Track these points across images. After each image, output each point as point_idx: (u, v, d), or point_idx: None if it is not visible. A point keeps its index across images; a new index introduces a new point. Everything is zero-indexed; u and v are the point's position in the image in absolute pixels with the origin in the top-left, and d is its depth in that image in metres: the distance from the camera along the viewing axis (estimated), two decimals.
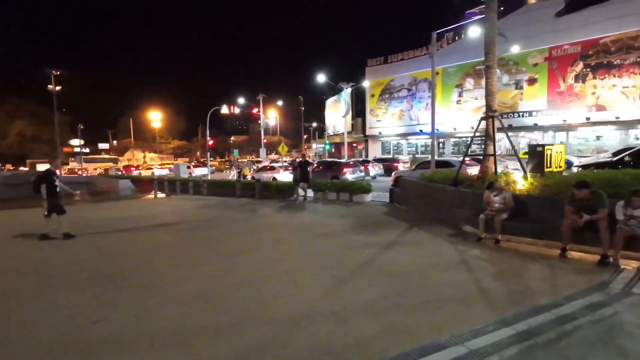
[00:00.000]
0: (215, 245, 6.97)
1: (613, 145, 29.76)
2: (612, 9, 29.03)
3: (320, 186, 13.94)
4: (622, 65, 28.80)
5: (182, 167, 24.98)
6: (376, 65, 46.12)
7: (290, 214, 10.47)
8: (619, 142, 29.37)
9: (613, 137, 30.23)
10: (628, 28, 28.31)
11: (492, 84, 7.97)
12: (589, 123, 30.44)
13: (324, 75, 31.15)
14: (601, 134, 30.95)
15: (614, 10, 28.90)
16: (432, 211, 8.83)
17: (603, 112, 29.80)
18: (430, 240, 6.73)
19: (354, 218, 9.24)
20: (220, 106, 26.99)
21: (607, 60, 29.50)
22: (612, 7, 28.97)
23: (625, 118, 28.54)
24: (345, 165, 19.56)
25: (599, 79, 29.93)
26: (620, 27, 28.63)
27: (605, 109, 29.75)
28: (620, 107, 28.96)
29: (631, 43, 28.35)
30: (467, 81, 38.04)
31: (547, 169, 7.30)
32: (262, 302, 4.11)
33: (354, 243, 6.70)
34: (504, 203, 6.35)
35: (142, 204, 15.53)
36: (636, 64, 28.23)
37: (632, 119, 28.48)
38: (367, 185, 12.62)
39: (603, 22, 29.43)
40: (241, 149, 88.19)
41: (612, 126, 29.64)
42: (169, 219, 10.39)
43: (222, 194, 17.08)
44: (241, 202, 13.71)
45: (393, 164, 25.26)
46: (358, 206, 11.41)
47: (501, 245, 6.16)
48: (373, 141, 48.10)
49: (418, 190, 9.78)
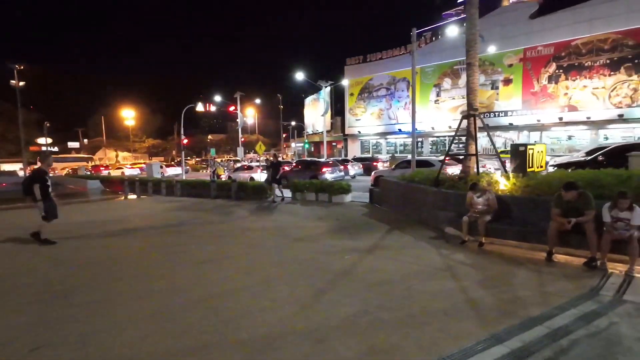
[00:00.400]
0: (183, 253, 6.45)
1: (584, 144, 30.69)
2: (581, 12, 29.90)
3: (299, 186, 13.53)
4: (592, 67, 29.69)
5: (155, 166, 23.95)
6: (355, 64, 46.04)
7: (266, 217, 10.01)
8: (590, 141, 30.30)
9: (584, 136, 31.15)
10: (597, 31, 29.21)
11: (474, 81, 7.77)
12: (562, 123, 31.26)
13: (303, 73, 30.68)
14: (573, 133, 31.85)
15: (583, 14, 29.78)
16: (413, 212, 8.57)
17: (575, 112, 30.66)
18: (412, 244, 6.44)
19: (333, 220, 8.88)
20: (196, 104, 26.12)
21: (578, 61, 30.36)
22: (581, 10, 29.83)
23: (596, 118, 29.44)
24: (325, 164, 19.21)
25: (571, 80, 30.77)
26: (589, 30, 29.51)
27: (576, 109, 30.61)
28: (591, 108, 29.87)
29: (601, 45, 29.26)
30: (445, 81, 38.43)
31: (529, 169, 7.15)
32: (231, 320, 3.68)
33: (333, 248, 6.33)
34: (488, 204, 6.13)
35: (110, 206, 14.68)
36: (605, 65, 29.17)
37: (601, 119, 29.41)
38: (346, 186, 12.31)
39: (573, 25, 30.29)
40: (219, 148, 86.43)
41: (584, 126, 30.54)
42: (136, 223, 9.73)
43: (197, 195, 16.41)
44: (216, 204, 13.13)
45: (372, 164, 25.11)
46: (337, 207, 11.07)
47: (485, 249, 5.93)
48: (352, 140, 48.03)
49: (398, 190, 9.52)
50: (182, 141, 24.52)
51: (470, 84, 7.87)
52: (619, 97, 28.78)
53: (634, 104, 28.18)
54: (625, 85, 28.47)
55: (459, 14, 37.21)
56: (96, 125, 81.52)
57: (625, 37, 28.10)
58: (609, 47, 28.91)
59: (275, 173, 13.09)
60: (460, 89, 37.47)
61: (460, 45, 34.11)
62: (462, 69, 36.99)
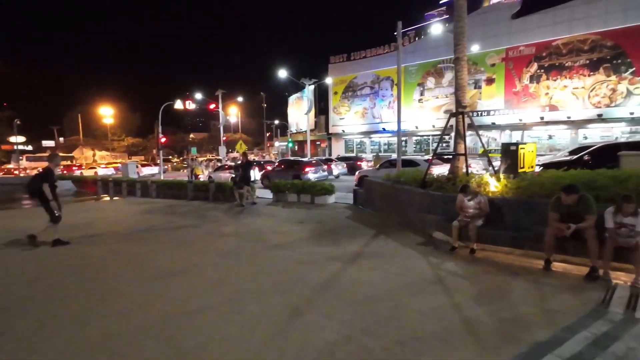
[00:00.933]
0: (147, 263, 5.80)
1: (564, 144, 31.10)
2: (560, 13, 30.24)
3: (280, 187, 12.94)
4: (572, 67, 30.04)
5: (131, 166, 22.84)
6: (339, 63, 45.59)
7: (243, 220, 9.39)
8: (570, 141, 30.70)
9: (564, 136, 31.54)
10: (577, 32, 29.57)
11: (462, 77, 7.36)
12: (543, 122, 31.56)
13: (286, 71, 30.04)
14: (553, 133, 32.21)
15: (563, 15, 30.11)
16: (399, 215, 8.12)
17: (555, 112, 30.99)
18: (398, 251, 5.96)
19: (314, 224, 8.34)
20: (174, 101, 25.14)
21: (559, 62, 30.68)
22: (561, 11, 30.16)
23: (576, 118, 29.81)
24: (307, 164, 18.66)
25: (552, 80, 31.09)
26: (569, 30, 29.86)
27: (557, 109, 30.95)
28: (571, 108, 30.23)
29: (580, 46, 29.63)
30: (429, 80, 38.37)
31: (520, 169, 6.78)
32: (190, 352, 3.09)
33: (314, 257, 5.79)
34: (479, 208, 5.70)
35: (78, 209, 13.74)
36: (585, 66, 29.56)
37: (581, 119, 29.80)
38: (329, 187, 11.78)
39: (554, 26, 30.60)
40: (200, 147, 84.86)
41: (564, 126, 30.88)
42: (102, 228, 8.96)
43: (173, 197, 15.62)
44: (192, 206, 12.41)
45: (357, 163, 24.71)
46: (320, 209, 10.53)
47: (477, 256, 5.49)
48: (336, 139, 47.59)
49: (383, 192, 9.05)
50: (159, 139, 23.51)
51: (458, 80, 7.45)
52: (598, 97, 29.20)
53: (612, 104, 28.63)
54: (604, 85, 28.90)
55: (442, 14, 37.36)
56: (73, 124, 79.00)
57: (604, 38, 28.52)
58: (588, 48, 29.30)
59: (245, 175, 12.13)
60: (443, 88, 37.52)
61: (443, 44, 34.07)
62: (446, 67, 37.02)
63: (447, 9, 38.73)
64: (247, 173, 12.29)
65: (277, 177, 19.65)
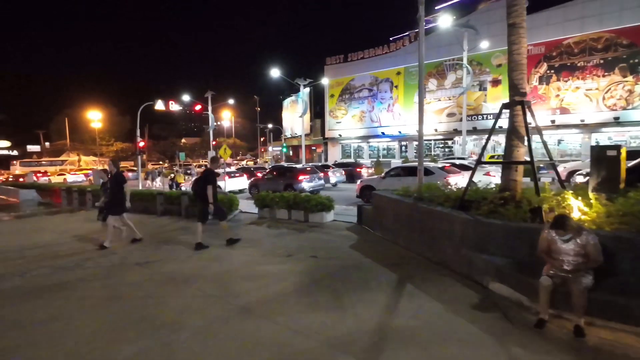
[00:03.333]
0: (26, 348, 3.40)
1: (577, 149, 29.10)
2: (571, 10, 28.36)
3: (266, 201, 10.57)
4: (585, 67, 28.11)
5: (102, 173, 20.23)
6: (335, 64, 43.51)
7: (212, 251, 6.99)
8: (582, 145, 28.71)
9: (574, 140, 29.58)
10: (589, 30, 27.69)
11: (521, 51, 5.12)
12: (553, 126, 29.53)
13: (279, 70, 27.82)
14: (563, 137, 30.21)
15: (574, 12, 28.24)
16: (427, 247, 5.79)
17: (567, 115, 29.00)
18: (446, 326, 3.60)
19: (308, 260, 5.97)
20: (154, 101, 22.78)
21: (570, 62, 28.75)
22: (571, 8, 28.30)
23: (590, 121, 27.80)
24: (301, 171, 16.31)
25: (563, 81, 29.12)
26: (581, 28, 27.97)
27: (569, 111, 28.97)
28: (584, 110, 28.24)
29: (594, 45, 27.72)
30: (430, 82, 36.31)
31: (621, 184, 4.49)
32: None
33: (305, 340, 3.42)
34: (585, 255, 3.39)
35: (15, 228, 11.28)
36: (599, 66, 27.63)
37: (595, 122, 27.80)
38: (327, 202, 9.43)
39: (564, 23, 28.72)
40: (192, 152, 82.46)
41: (576, 129, 28.86)
42: (11, 267, 6.54)
43: (142, 210, 13.20)
44: (155, 225, 10.00)
45: (356, 170, 22.38)
46: (316, 232, 8.18)
47: (588, 342, 3.17)
48: (333, 144, 45.37)
49: (401, 212, 6.73)
50: (137, 144, 21.06)
51: (514, 56, 5.20)
52: (614, 99, 27.26)
53: (629, 106, 26.68)
54: (619, 86, 26.96)
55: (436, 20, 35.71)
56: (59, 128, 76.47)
57: (619, 36, 26.63)
58: (602, 47, 27.40)
59: (201, 191, 6.95)
60: (446, 90, 35.50)
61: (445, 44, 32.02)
62: (449, 67, 34.98)
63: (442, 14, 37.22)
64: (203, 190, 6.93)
65: (267, 187, 17.31)
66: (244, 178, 20.47)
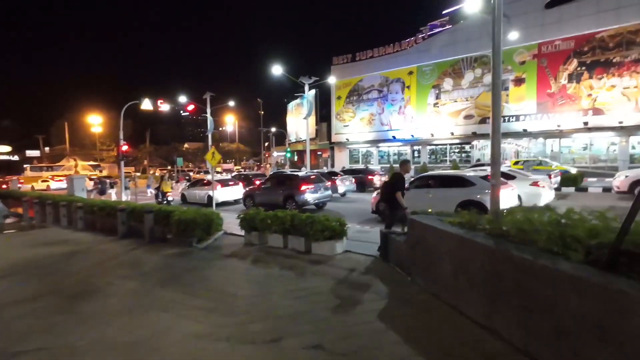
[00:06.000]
0: None
1: (613, 154, 26.14)
2: (606, 0, 25.52)
3: (255, 221, 7.88)
4: (622, 63, 25.16)
5: (78, 181, 17.50)
6: (343, 64, 40.93)
7: (161, 305, 4.31)
8: (619, 150, 25.75)
9: (606, 144, 26.66)
10: (626, 21, 24.78)
11: None
12: (585, 129, 26.57)
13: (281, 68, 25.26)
14: (595, 141, 27.25)
15: (608, 2, 25.35)
16: (536, 336, 3.06)
17: (600, 116, 26.02)
18: None
19: (306, 354, 3.27)
20: (140, 100, 20.33)
21: (604, 57, 25.82)
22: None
23: (628, 123, 24.80)
24: (304, 180, 13.59)
25: (596, 79, 26.18)
26: (617, 20, 25.08)
27: (602, 112, 25.99)
28: (620, 111, 25.25)
29: (632, 38, 24.81)
30: (445, 81, 33.52)
31: None
32: None
33: None
34: None
35: None
36: (638, 61, 24.69)
37: (635, 124, 24.78)
38: (338, 227, 6.71)
39: (597, 15, 25.85)
40: (195, 157, 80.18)
41: (612, 132, 25.87)
42: None
43: (102, 229, 10.66)
44: (108, 255, 7.37)
45: (367, 177, 19.64)
46: (321, 276, 5.48)
47: None
48: (340, 149, 42.67)
49: (470, 258, 3.99)
50: (120, 147, 18.55)
51: None
52: None
53: None
54: None
55: (444, 25, 33.17)
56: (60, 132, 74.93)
57: None
58: None
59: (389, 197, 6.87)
60: (463, 91, 32.69)
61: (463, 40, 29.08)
62: (466, 65, 32.19)
63: (450, 19, 34.76)
64: None
65: (264, 197, 14.67)
66: (239, 187, 17.85)
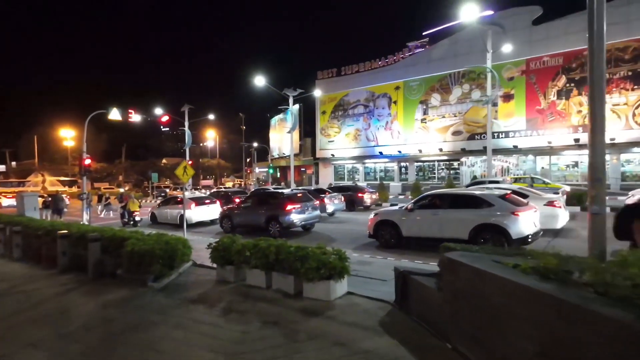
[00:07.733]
0: None
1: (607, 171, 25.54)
2: None
3: (231, 253, 6.14)
4: (611, 80, 24.87)
5: (29, 199, 15.09)
6: (327, 78, 39.94)
7: None
8: (611, 168, 25.18)
9: None
10: (614, 38, 24.54)
11: None
12: (576, 146, 26.03)
13: (264, 79, 23.84)
14: (585, 158, 26.69)
15: None
16: None
17: None
18: None
19: None
20: (108, 110, 18.41)
21: None
22: None
23: (619, 140, 24.35)
24: (290, 199, 11.90)
25: (586, 95, 25.82)
26: (606, 37, 24.92)
27: None
28: (611, 128, 24.80)
29: (620, 55, 24.66)
30: (433, 97, 32.80)
31: None
32: None
33: None
34: None
35: None
36: (627, 78, 24.48)
37: (625, 141, 24.38)
38: (338, 262, 5.04)
39: (585, 32, 25.30)
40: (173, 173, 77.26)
41: None
42: None
43: (48, 257, 8.64)
44: (35, 298, 5.47)
45: (357, 195, 18.10)
46: (318, 339, 3.79)
47: None
48: (324, 165, 41.22)
49: (589, 340, 2.42)
50: (82, 161, 16.45)
51: None
52: None
53: None
54: None
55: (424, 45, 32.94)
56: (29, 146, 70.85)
57: None
58: (631, 57, 24.34)
59: None
60: (451, 106, 31.97)
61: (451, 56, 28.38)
62: (454, 81, 31.60)
63: (430, 40, 34.67)
64: None
65: (243, 218, 12.90)
66: (216, 205, 15.97)
